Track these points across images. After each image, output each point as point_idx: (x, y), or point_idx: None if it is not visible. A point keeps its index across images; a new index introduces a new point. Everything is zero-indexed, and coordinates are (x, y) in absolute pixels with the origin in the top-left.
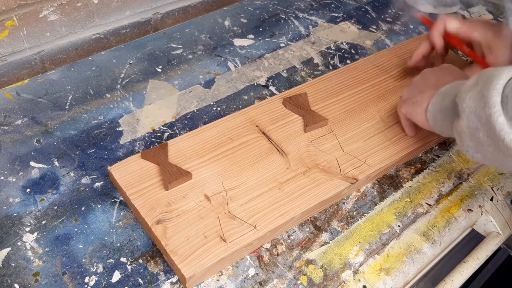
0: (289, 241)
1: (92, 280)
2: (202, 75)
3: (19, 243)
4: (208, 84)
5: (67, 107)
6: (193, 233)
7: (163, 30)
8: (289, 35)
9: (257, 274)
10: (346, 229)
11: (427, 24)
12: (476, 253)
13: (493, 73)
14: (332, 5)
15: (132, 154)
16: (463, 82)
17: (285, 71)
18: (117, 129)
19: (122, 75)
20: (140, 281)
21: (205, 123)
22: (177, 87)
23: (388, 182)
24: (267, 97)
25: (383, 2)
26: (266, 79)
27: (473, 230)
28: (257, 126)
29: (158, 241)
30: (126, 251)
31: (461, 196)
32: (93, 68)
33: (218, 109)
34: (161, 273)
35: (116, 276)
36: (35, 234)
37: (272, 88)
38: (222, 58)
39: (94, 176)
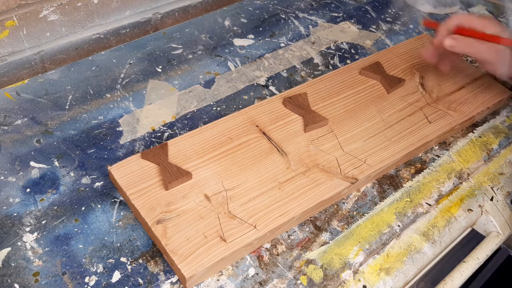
0: (289, 241)
1: (92, 280)
2: (202, 75)
3: (19, 243)
4: (208, 84)
5: (67, 107)
6: (193, 233)
7: (163, 30)
8: (289, 35)
9: (257, 274)
10: (346, 229)
11: (433, 27)
12: (476, 253)
13: None
14: (332, 5)
15: (132, 154)
16: None
17: (285, 71)
18: (117, 129)
19: (122, 75)
20: (140, 281)
21: (205, 123)
22: (177, 87)
23: (388, 182)
24: (267, 97)
25: (383, 2)
26: (266, 79)
27: (473, 230)
28: (257, 126)
29: (158, 241)
30: (126, 251)
31: (461, 196)
32: (93, 68)
33: (218, 109)
34: (161, 273)
35: (116, 276)
36: (35, 234)
37: (272, 88)
38: (222, 58)
39: (94, 176)
